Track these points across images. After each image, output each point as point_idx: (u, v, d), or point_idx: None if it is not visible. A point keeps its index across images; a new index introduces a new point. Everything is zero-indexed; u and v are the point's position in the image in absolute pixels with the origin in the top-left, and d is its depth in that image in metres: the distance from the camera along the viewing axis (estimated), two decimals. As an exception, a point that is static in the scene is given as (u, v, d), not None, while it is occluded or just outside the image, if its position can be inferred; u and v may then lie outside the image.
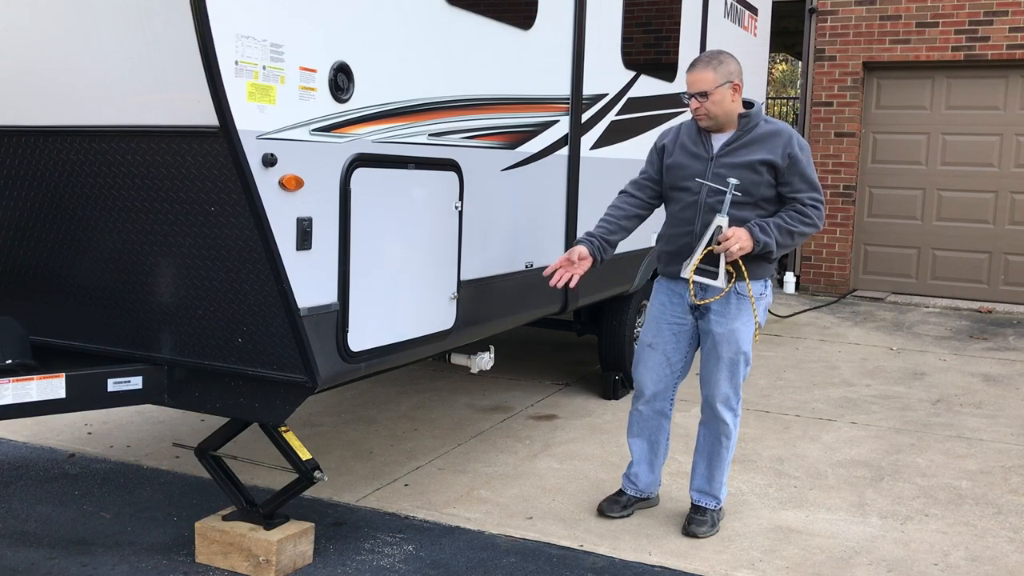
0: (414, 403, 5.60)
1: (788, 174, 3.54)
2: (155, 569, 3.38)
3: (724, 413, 3.72)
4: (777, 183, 3.56)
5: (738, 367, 3.66)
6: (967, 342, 7.84)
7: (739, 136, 3.58)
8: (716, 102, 3.53)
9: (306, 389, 3.19)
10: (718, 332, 3.63)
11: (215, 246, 3.06)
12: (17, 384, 3.10)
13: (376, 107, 3.35)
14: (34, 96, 3.17)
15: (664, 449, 3.96)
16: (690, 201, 3.63)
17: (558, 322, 5.62)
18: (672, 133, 3.80)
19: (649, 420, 3.90)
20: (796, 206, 3.56)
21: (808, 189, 3.56)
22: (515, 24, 4.25)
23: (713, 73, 3.52)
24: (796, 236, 3.56)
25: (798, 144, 3.55)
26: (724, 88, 3.53)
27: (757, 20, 8.04)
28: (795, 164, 3.53)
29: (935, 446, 5.00)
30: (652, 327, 3.80)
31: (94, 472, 4.36)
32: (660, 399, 3.85)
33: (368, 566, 3.44)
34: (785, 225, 3.54)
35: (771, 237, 3.51)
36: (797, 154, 3.53)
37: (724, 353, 3.63)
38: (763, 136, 3.56)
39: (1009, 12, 9.17)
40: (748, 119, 3.59)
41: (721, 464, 3.79)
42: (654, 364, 3.81)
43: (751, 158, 3.53)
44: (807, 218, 3.55)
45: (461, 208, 3.85)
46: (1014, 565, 3.57)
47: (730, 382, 3.68)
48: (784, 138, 3.55)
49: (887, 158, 9.93)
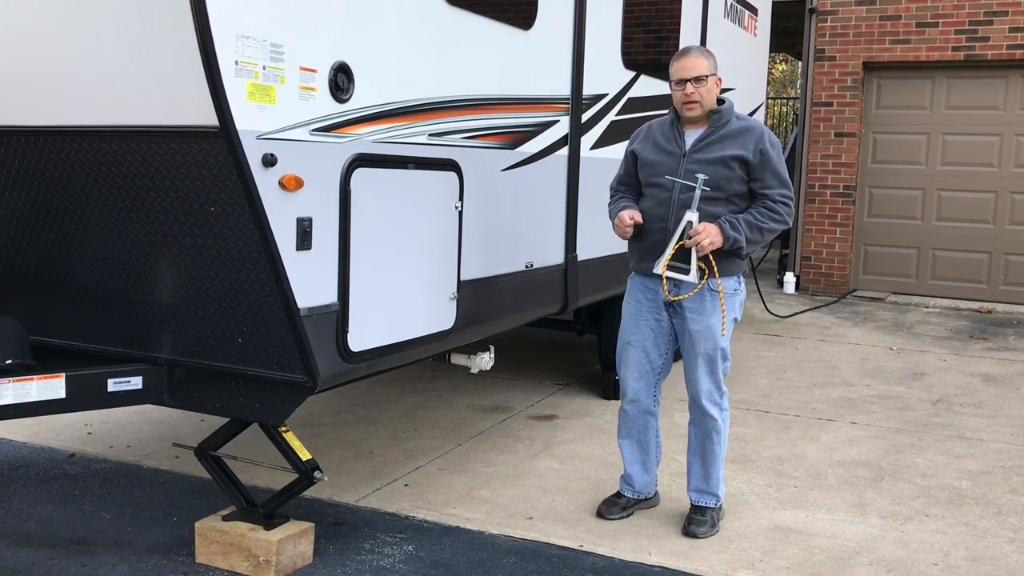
0: (414, 403, 5.60)
1: (759, 170, 3.59)
2: (155, 569, 3.38)
3: (710, 409, 3.74)
4: (748, 179, 3.61)
5: (716, 362, 3.70)
6: (967, 342, 7.84)
7: (711, 132, 3.64)
8: (709, 89, 3.61)
9: (306, 389, 3.19)
10: (694, 329, 3.67)
11: (215, 246, 3.06)
12: (17, 384, 3.10)
13: (376, 107, 3.35)
14: (34, 96, 3.17)
15: (655, 448, 3.97)
16: (663, 197, 3.67)
17: (558, 322, 5.62)
18: (643, 132, 3.86)
19: (635, 419, 3.92)
20: (766, 202, 3.62)
21: (779, 185, 3.62)
22: (515, 24, 4.25)
23: (706, 61, 3.62)
24: (766, 232, 3.62)
25: (769, 141, 3.61)
26: (714, 78, 3.63)
27: (757, 20, 8.04)
28: (766, 160, 3.58)
29: (935, 446, 5.00)
30: (630, 324, 3.84)
31: (94, 472, 4.36)
32: (643, 396, 3.88)
33: (368, 566, 3.44)
34: (755, 221, 3.59)
35: (741, 233, 3.56)
36: (768, 150, 3.59)
37: (701, 349, 3.67)
38: (735, 132, 3.62)
39: (1009, 12, 9.16)
40: (720, 115, 3.65)
41: (715, 460, 3.80)
42: (634, 361, 3.84)
43: (723, 154, 3.58)
44: (777, 214, 3.61)
45: (461, 208, 3.85)
46: (1014, 565, 3.57)
47: (711, 377, 3.71)
48: (756, 134, 3.61)
49: (887, 158, 9.92)
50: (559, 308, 4.93)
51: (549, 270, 4.75)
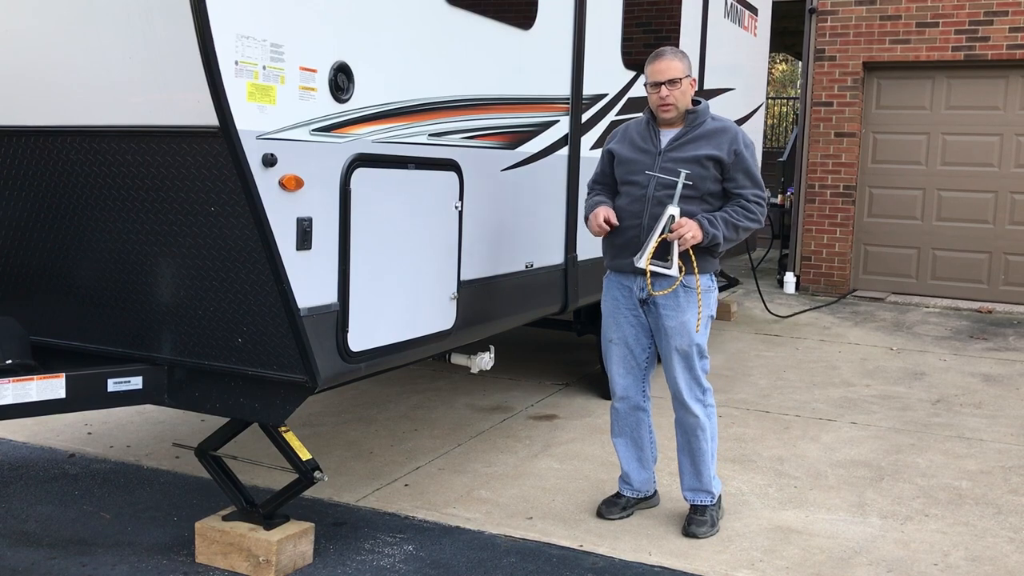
0: (414, 403, 5.60)
1: (733, 170, 3.65)
2: (155, 569, 3.38)
3: (693, 406, 3.75)
4: (723, 179, 3.67)
5: (692, 358, 3.71)
6: (967, 342, 7.84)
7: (687, 132, 3.69)
8: (684, 91, 3.65)
9: (306, 389, 3.19)
10: (669, 325, 3.69)
11: (215, 246, 3.06)
12: (17, 384, 3.10)
13: (376, 107, 3.35)
14: (35, 96, 3.17)
15: (649, 444, 3.98)
16: (638, 195, 3.70)
17: (558, 322, 5.61)
18: (620, 132, 3.89)
19: (627, 416, 3.93)
20: (741, 202, 3.68)
21: (752, 186, 3.69)
22: (515, 24, 4.25)
23: (681, 63, 3.66)
24: (740, 231, 3.68)
25: (743, 142, 3.67)
26: (688, 79, 3.66)
27: (757, 20, 8.04)
28: (740, 161, 3.65)
29: (935, 446, 5.00)
30: (611, 323, 3.86)
31: (94, 472, 4.36)
32: (632, 392, 3.89)
33: (368, 566, 3.44)
34: (731, 219, 3.65)
35: (719, 230, 3.61)
36: (742, 151, 3.65)
37: (678, 345, 3.69)
38: (710, 132, 3.67)
39: (1009, 12, 9.16)
40: (696, 115, 3.70)
41: (704, 457, 3.80)
42: (619, 358, 3.86)
43: (698, 153, 3.63)
44: (751, 214, 3.68)
45: (461, 208, 3.85)
46: (1014, 565, 3.57)
47: (689, 374, 3.73)
48: (730, 135, 3.67)
49: (887, 158, 9.92)
50: (559, 308, 4.93)
51: (549, 270, 4.75)
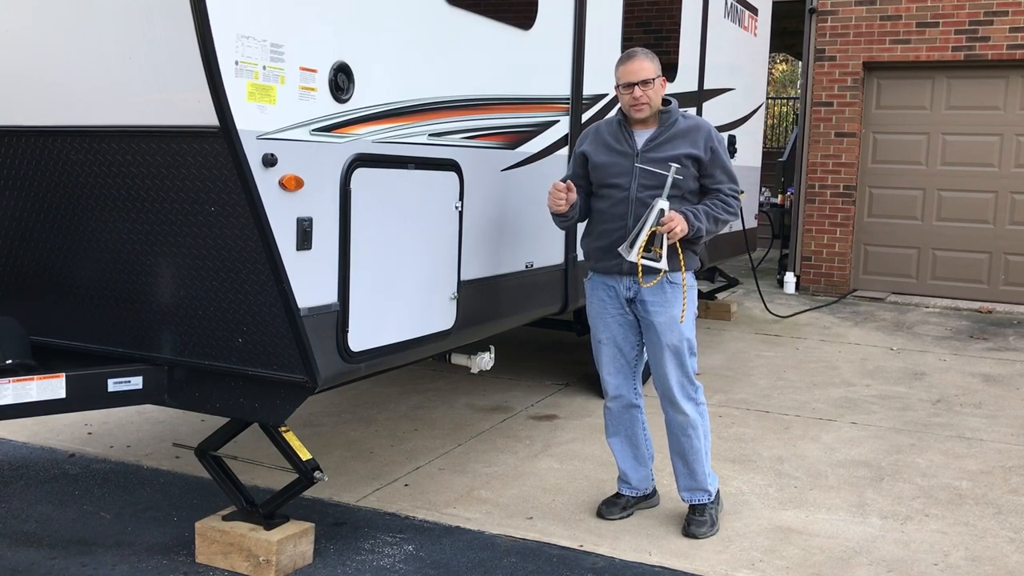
0: (414, 403, 5.60)
1: (710, 167, 3.71)
2: (155, 569, 3.38)
3: (684, 404, 3.75)
4: (700, 175, 3.72)
5: (683, 354, 3.72)
6: (967, 342, 7.84)
7: (661, 132, 3.71)
8: (656, 91, 3.69)
9: (306, 389, 3.19)
10: (659, 321, 3.70)
11: (215, 246, 3.06)
12: (17, 384, 3.10)
13: (376, 107, 3.35)
14: (35, 96, 3.17)
15: (644, 442, 3.98)
16: (620, 197, 3.72)
17: (558, 322, 5.62)
18: (590, 135, 3.88)
19: (620, 415, 3.94)
20: (719, 196, 3.75)
21: (728, 180, 3.77)
22: (515, 24, 4.25)
23: (652, 64, 3.69)
24: (720, 223, 3.76)
25: (716, 139, 3.74)
26: (660, 79, 3.70)
27: (757, 20, 8.05)
28: (716, 157, 3.72)
29: (935, 446, 5.00)
30: (598, 323, 3.86)
31: (94, 472, 4.36)
32: (624, 390, 3.89)
33: (368, 566, 3.44)
34: (712, 212, 3.71)
35: (702, 223, 3.67)
36: (717, 147, 3.72)
37: (668, 341, 3.69)
38: (684, 131, 3.71)
39: (1009, 12, 9.16)
40: (668, 115, 3.73)
41: (697, 455, 3.80)
42: (609, 358, 3.86)
43: (677, 152, 3.66)
44: (729, 206, 3.75)
45: (461, 208, 3.85)
46: (1014, 565, 3.57)
47: (680, 370, 3.73)
48: (704, 132, 3.72)
49: (887, 158, 9.92)
50: (559, 308, 4.93)
51: (549, 270, 4.75)
